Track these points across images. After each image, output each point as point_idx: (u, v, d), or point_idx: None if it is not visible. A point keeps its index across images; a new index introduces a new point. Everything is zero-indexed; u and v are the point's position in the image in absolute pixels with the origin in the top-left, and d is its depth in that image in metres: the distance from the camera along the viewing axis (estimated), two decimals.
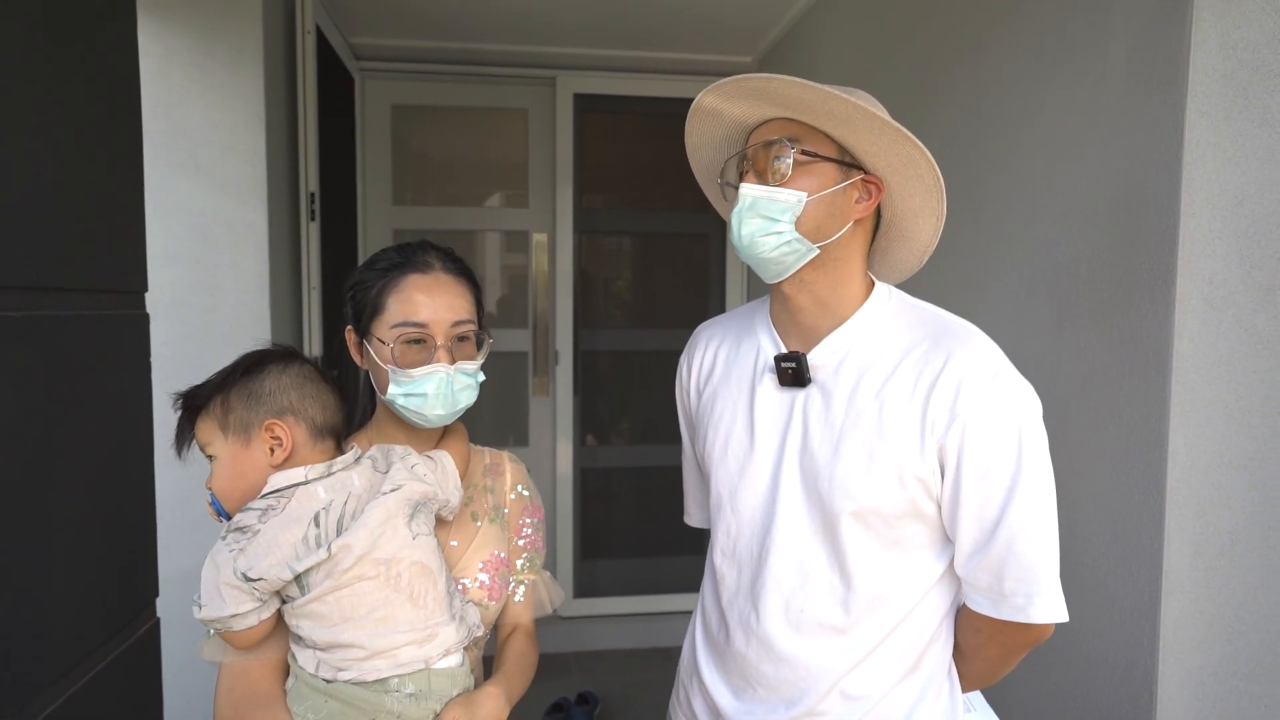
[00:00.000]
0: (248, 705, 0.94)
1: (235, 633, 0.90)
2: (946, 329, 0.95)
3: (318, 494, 0.92)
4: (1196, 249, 1.17)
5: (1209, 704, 1.20)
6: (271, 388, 0.96)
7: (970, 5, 1.78)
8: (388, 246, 1.08)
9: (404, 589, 0.91)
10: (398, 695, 0.91)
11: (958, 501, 0.91)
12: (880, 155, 0.94)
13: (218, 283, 2.07)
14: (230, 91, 2.04)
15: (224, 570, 0.88)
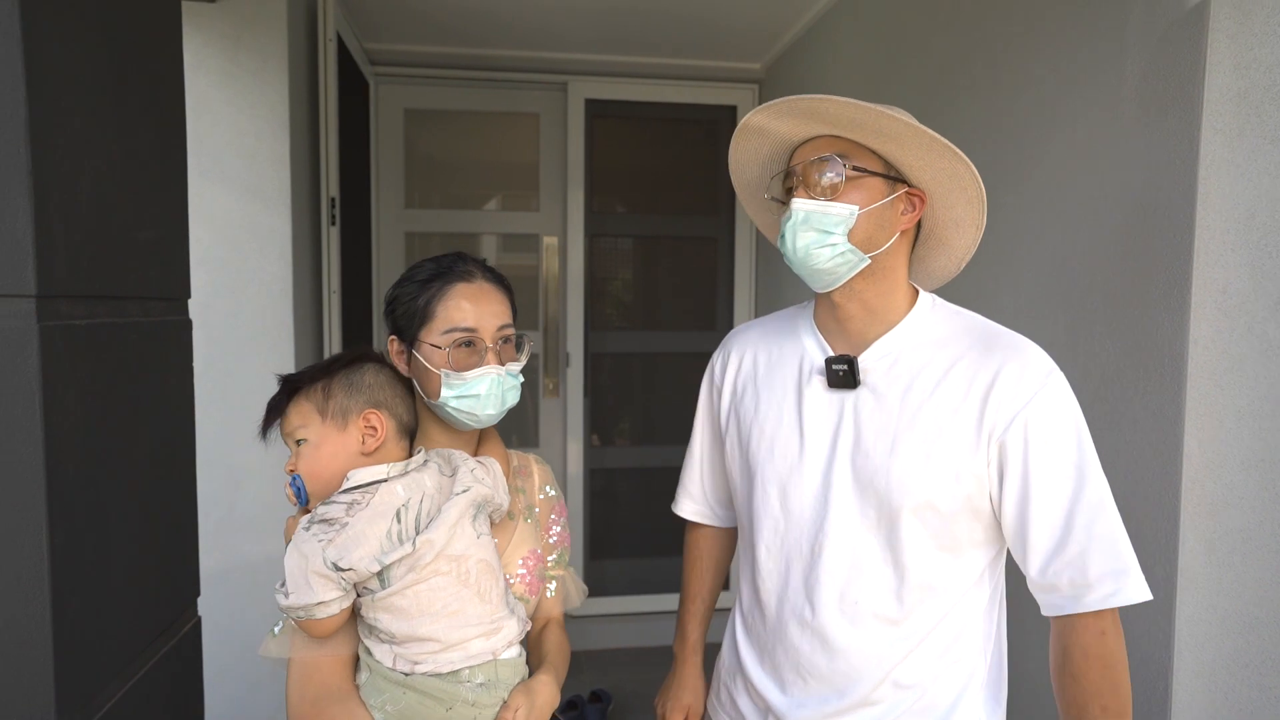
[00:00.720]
0: (324, 700, 0.96)
1: (316, 621, 0.93)
2: (996, 335, 1.01)
3: (398, 491, 0.96)
4: (1210, 259, 1.21)
5: (1221, 696, 1.24)
6: (371, 381, 1.01)
7: (982, 22, 1.82)
8: (423, 260, 1.13)
9: (473, 584, 0.96)
10: (470, 685, 0.95)
11: (1027, 500, 0.95)
12: (926, 169, 0.98)
13: (242, 287, 2.10)
14: (256, 99, 2.08)
15: (313, 560, 0.91)
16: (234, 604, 2.13)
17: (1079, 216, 1.48)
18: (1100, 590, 0.93)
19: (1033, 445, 0.94)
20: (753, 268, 3.57)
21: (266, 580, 2.20)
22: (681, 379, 3.61)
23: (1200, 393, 1.23)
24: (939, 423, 0.97)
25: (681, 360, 3.62)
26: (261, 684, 2.18)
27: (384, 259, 3.36)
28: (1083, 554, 0.93)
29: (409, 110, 3.35)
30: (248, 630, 2.17)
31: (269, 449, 2.25)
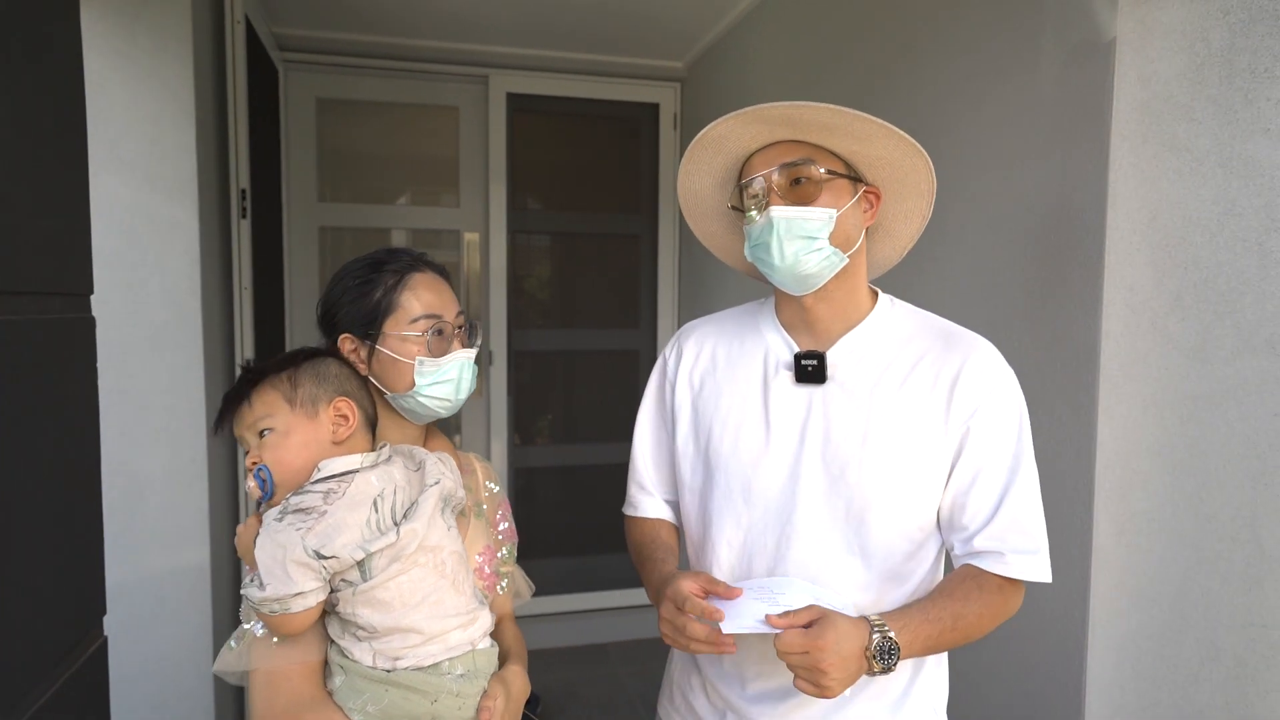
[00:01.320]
0: (296, 709, 0.92)
1: (291, 616, 0.89)
2: (955, 332, 1.06)
3: (372, 481, 0.95)
4: (1120, 259, 1.30)
5: (1129, 667, 1.33)
6: (337, 372, 1.01)
7: (903, 28, 1.89)
8: (353, 260, 1.11)
9: (449, 575, 0.96)
10: (451, 677, 0.94)
11: (974, 482, 1.01)
12: (885, 166, 1.02)
13: (142, 284, 1.96)
14: (155, 81, 1.94)
15: (292, 549, 0.87)
16: (136, 623, 1.99)
17: (998, 218, 1.56)
18: (1013, 563, 0.99)
19: (988, 433, 1.00)
20: (675, 265, 3.59)
21: (171, 596, 2.06)
22: (604, 377, 3.61)
23: (1111, 384, 1.31)
24: (908, 414, 1.01)
25: (604, 358, 3.62)
26: (167, 704, 2.04)
27: (296, 255, 3.21)
28: (1004, 532, 0.99)
29: (321, 100, 3.21)
30: (151, 651, 2.03)
31: (172, 457, 2.10)
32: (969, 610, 0.97)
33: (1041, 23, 1.45)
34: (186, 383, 2.00)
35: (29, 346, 1.01)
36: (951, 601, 0.97)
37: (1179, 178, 1.25)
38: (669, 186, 3.55)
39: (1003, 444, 1.01)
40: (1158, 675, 1.30)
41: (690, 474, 1.14)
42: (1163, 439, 1.28)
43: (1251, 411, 1.16)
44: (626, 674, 3.24)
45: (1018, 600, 1.02)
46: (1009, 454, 1.00)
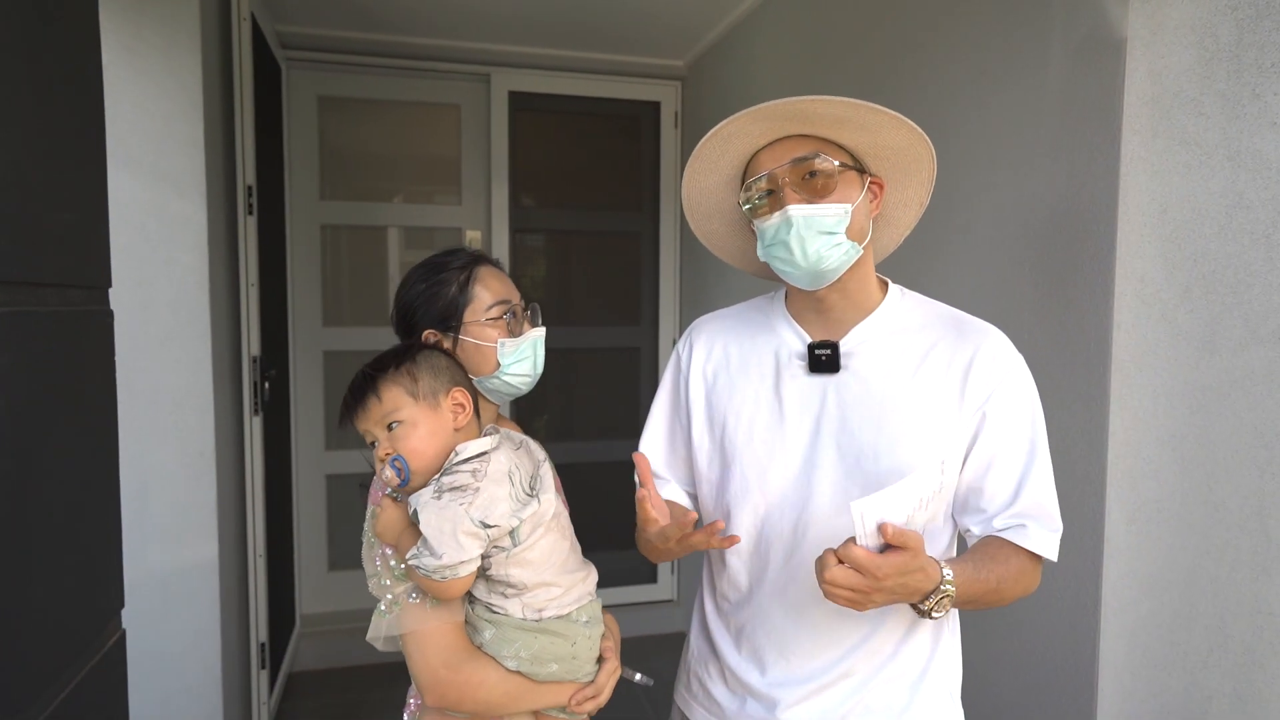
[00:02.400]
0: (458, 662, 1.04)
1: (457, 580, 0.99)
2: (966, 320, 1.08)
3: (501, 460, 1.04)
4: (1130, 251, 1.31)
5: (1140, 653, 1.35)
6: (446, 364, 1.09)
7: (907, 24, 1.90)
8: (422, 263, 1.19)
9: (569, 537, 1.11)
10: (579, 623, 1.08)
11: (990, 467, 1.02)
12: (891, 156, 1.03)
13: (151, 279, 1.96)
14: (164, 77, 1.94)
15: (461, 521, 0.97)
16: (144, 618, 1.99)
17: (1010, 212, 1.57)
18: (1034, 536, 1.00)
19: (1003, 418, 1.02)
20: (676, 263, 3.60)
21: (179, 591, 2.06)
22: (605, 374, 3.62)
23: (1123, 375, 1.33)
24: (922, 401, 1.03)
25: (605, 355, 3.62)
26: (175, 700, 2.04)
27: (298, 252, 3.21)
28: (1025, 511, 1.02)
29: (323, 97, 3.21)
30: (159, 646, 2.03)
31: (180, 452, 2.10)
32: (1009, 573, 0.98)
33: (1050, 19, 1.47)
34: (195, 379, 2.00)
35: (51, 337, 1.01)
36: (996, 565, 0.98)
37: (1188, 171, 1.26)
38: (670, 184, 3.56)
39: (1019, 429, 1.02)
40: (1168, 661, 1.31)
41: (707, 467, 1.15)
42: (1173, 428, 1.30)
43: (1259, 401, 1.18)
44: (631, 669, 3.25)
45: (1037, 578, 1.04)
46: (1025, 438, 1.02)
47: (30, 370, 0.95)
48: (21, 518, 0.92)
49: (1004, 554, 1.00)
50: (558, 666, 1.07)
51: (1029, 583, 1.02)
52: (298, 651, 3.20)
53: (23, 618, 0.91)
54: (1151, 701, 1.33)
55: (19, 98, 0.93)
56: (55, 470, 1.01)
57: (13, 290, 0.93)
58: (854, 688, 1.05)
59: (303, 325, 3.25)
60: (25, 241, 0.94)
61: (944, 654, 1.09)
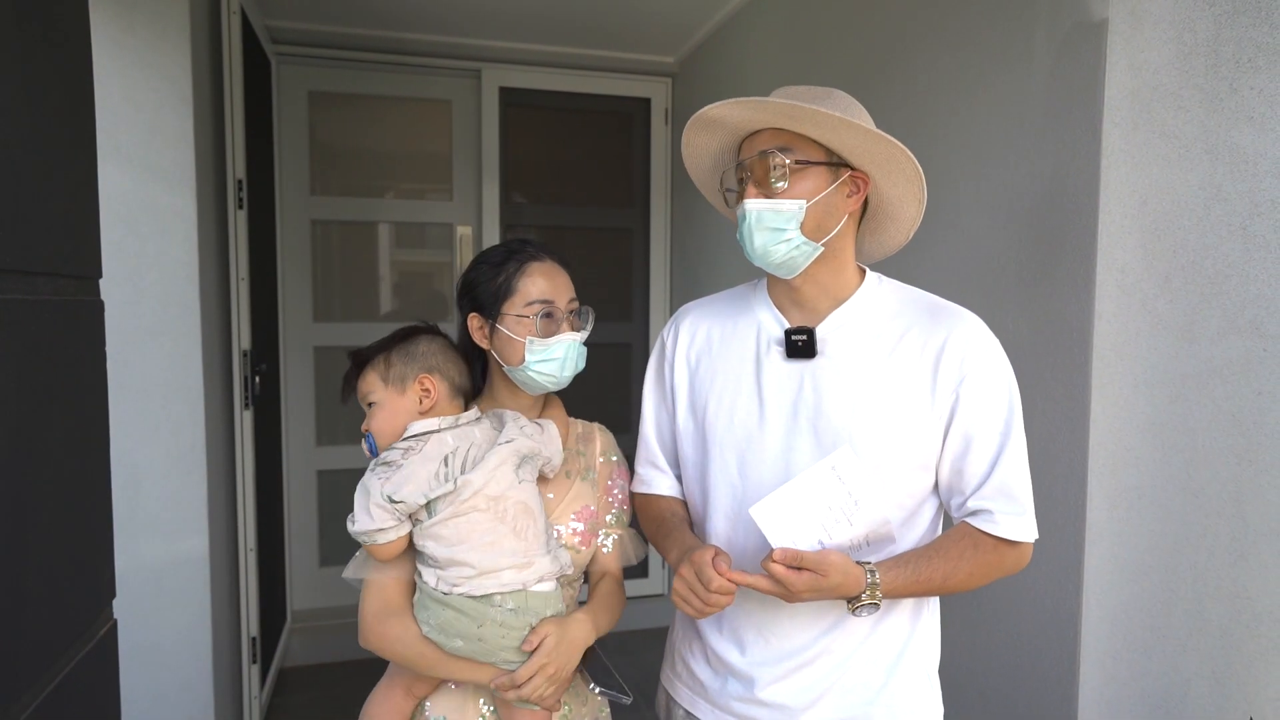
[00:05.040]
0: (385, 614, 1.13)
1: (378, 546, 1.10)
2: (941, 306, 1.10)
3: (447, 440, 1.11)
4: (1111, 242, 1.34)
5: (1121, 637, 1.37)
6: (424, 350, 1.17)
7: (895, 18, 1.92)
8: (493, 246, 1.25)
9: (509, 522, 1.09)
10: (501, 609, 1.08)
11: (967, 450, 1.04)
12: (864, 153, 1.04)
13: (141, 272, 1.96)
14: (153, 71, 1.94)
15: (374, 494, 1.07)
16: (135, 611, 1.99)
17: (994, 203, 1.60)
18: (1002, 523, 1.03)
19: (977, 401, 1.04)
20: (667, 259, 3.62)
21: (170, 585, 2.06)
22: (597, 370, 3.62)
23: (1104, 363, 1.35)
24: (895, 384, 1.04)
25: (597, 351, 3.62)
26: (166, 693, 2.04)
27: (288, 247, 3.20)
28: (996, 494, 1.04)
29: (313, 93, 3.20)
30: (150, 639, 2.03)
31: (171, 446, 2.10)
32: (960, 569, 1.03)
33: (1035, 13, 1.49)
34: (185, 372, 2.00)
35: (43, 326, 1.02)
36: (945, 561, 1.03)
37: (1168, 164, 1.29)
38: (661, 180, 3.57)
39: (993, 411, 1.04)
40: (1148, 645, 1.34)
41: (691, 450, 1.18)
42: (1153, 416, 1.32)
43: (1236, 390, 1.21)
44: (621, 663, 3.26)
45: (1016, 556, 1.05)
46: (1000, 420, 1.04)
47: (22, 358, 0.95)
48: (14, 504, 0.93)
49: (961, 547, 1.03)
50: (463, 644, 1.08)
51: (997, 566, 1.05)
52: (289, 646, 3.20)
53: (16, 605, 0.91)
54: (1132, 684, 1.36)
55: (9, 89, 0.94)
56: (48, 456, 1.01)
57: (4, 278, 0.94)
58: (831, 667, 1.07)
59: (293, 320, 3.25)
60: (17, 229, 0.95)
61: (922, 635, 1.11)
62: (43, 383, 1.00)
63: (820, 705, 1.07)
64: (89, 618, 1.15)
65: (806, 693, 1.07)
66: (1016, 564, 1.06)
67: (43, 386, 1.00)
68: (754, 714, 1.10)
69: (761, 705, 1.09)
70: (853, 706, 1.07)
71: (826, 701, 1.07)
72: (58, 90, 1.07)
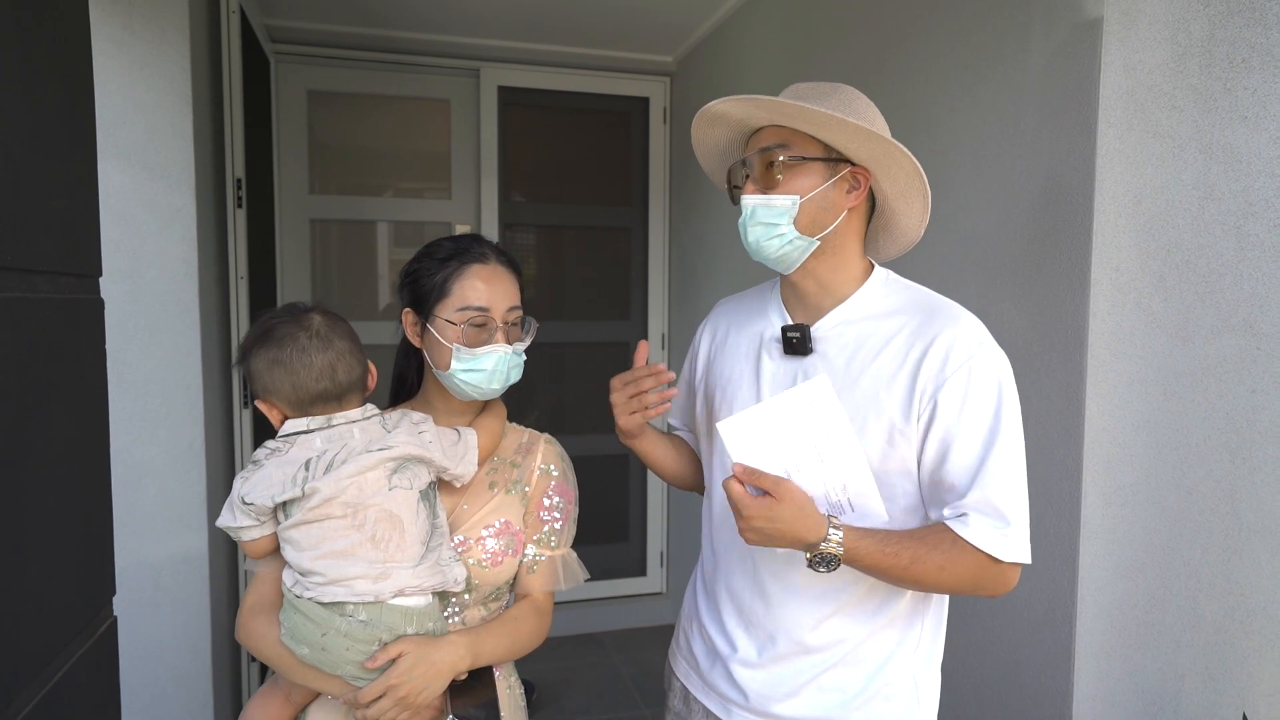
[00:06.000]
0: (256, 610, 1.12)
1: (245, 542, 1.09)
2: (939, 307, 1.07)
3: (315, 443, 1.07)
4: (1106, 241, 1.34)
5: (1116, 634, 1.38)
6: (256, 369, 1.10)
7: (892, 17, 1.93)
8: (442, 238, 1.19)
9: (367, 531, 1.04)
10: (350, 619, 1.03)
11: (945, 456, 1.00)
12: (860, 150, 1.05)
13: (140, 271, 1.96)
14: (153, 69, 1.94)
15: (234, 493, 1.07)
16: (134, 609, 2.00)
17: (990, 202, 1.60)
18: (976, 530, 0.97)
19: (956, 407, 0.99)
20: (665, 258, 3.62)
21: (169, 582, 2.07)
22: (594, 368, 3.63)
23: (1099, 362, 1.36)
24: (877, 388, 1.03)
25: (594, 350, 3.64)
26: (165, 690, 2.05)
27: (287, 246, 3.21)
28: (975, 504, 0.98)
29: (312, 92, 3.21)
30: (149, 636, 2.03)
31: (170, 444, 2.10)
32: (931, 557, 0.96)
33: (1031, 13, 1.49)
34: (184, 370, 2.01)
35: (43, 324, 1.02)
36: (919, 545, 0.97)
37: (1162, 163, 1.29)
38: (659, 179, 3.58)
39: (975, 419, 0.99)
40: (1142, 641, 1.34)
41: (704, 440, 1.24)
42: (1147, 414, 1.33)
43: (1230, 389, 1.21)
44: (621, 662, 3.27)
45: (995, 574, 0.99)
46: (983, 428, 0.98)
47: (22, 355, 0.96)
48: (14, 502, 0.93)
49: (939, 538, 0.98)
50: (308, 651, 1.04)
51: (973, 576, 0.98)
52: None
53: (17, 602, 0.92)
54: (1127, 680, 1.37)
55: (10, 87, 0.94)
56: (47, 454, 1.02)
57: (5, 276, 0.94)
58: (810, 664, 1.08)
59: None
60: (16, 227, 0.95)
61: (912, 649, 1.09)
62: (42, 380, 1.01)
63: (796, 700, 1.08)
64: (89, 615, 1.15)
65: (782, 685, 1.09)
66: (996, 584, 0.99)
67: (42, 384, 1.01)
68: (733, 697, 1.13)
69: (739, 690, 1.12)
70: (828, 706, 1.07)
71: (802, 697, 1.08)
72: (57, 89, 1.08)
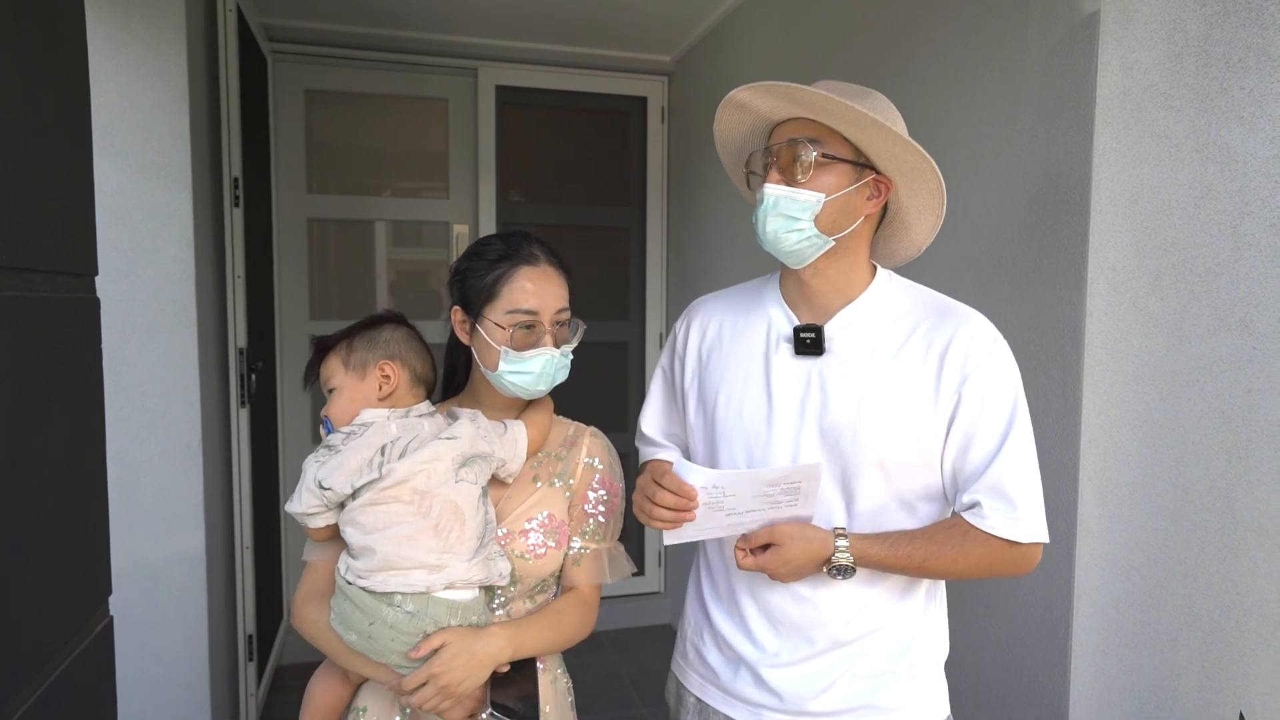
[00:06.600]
0: (308, 596, 1.15)
1: (309, 528, 1.11)
2: (949, 306, 1.10)
3: (390, 430, 1.10)
4: (1102, 240, 1.35)
5: (1112, 633, 1.38)
6: (387, 338, 1.16)
7: (890, 17, 1.93)
8: (492, 236, 1.20)
9: (431, 518, 1.05)
10: (398, 610, 1.04)
11: (967, 448, 1.04)
12: (891, 160, 1.05)
13: (137, 270, 1.96)
14: (149, 69, 1.94)
15: (308, 477, 1.08)
16: (132, 609, 1.99)
17: (987, 202, 1.60)
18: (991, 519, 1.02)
19: (979, 401, 1.04)
20: (664, 258, 3.62)
21: (167, 582, 2.06)
22: (593, 368, 3.63)
23: (1095, 361, 1.36)
24: (900, 384, 1.05)
25: (593, 349, 3.63)
26: (164, 691, 2.05)
27: (285, 246, 3.20)
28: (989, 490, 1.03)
29: (310, 91, 3.20)
30: (147, 637, 2.03)
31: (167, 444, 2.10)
32: (943, 553, 1.02)
33: (1028, 13, 1.50)
34: (181, 370, 2.00)
35: (39, 323, 1.02)
36: (928, 544, 1.03)
37: (1158, 163, 1.30)
38: (657, 179, 3.58)
39: (994, 411, 1.04)
40: (1139, 640, 1.35)
41: (701, 444, 1.20)
42: (1144, 414, 1.33)
43: (1226, 388, 1.22)
44: (619, 661, 3.27)
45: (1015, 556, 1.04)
46: (1001, 420, 1.03)
47: (18, 355, 0.96)
48: (10, 501, 0.93)
49: (950, 534, 1.03)
50: (356, 638, 1.05)
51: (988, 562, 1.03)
52: (285, 644, 3.20)
53: (12, 602, 0.92)
54: (1123, 679, 1.37)
55: (6, 86, 0.94)
56: (44, 453, 1.01)
57: (2, 275, 0.94)
58: (842, 655, 1.08)
59: (290, 319, 3.25)
60: (13, 227, 0.95)
61: (931, 625, 1.13)
62: (39, 380, 1.01)
63: (830, 693, 1.09)
64: (85, 614, 1.15)
65: (816, 680, 1.09)
66: (1019, 564, 1.05)
67: (39, 384, 1.00)
68: (765, 701, 1.12)
69: (771, 692, 1.11)
70: (861, 694, 1.09)
71: (836, 689, 1.09)
72: (54, 88, 1.07)
